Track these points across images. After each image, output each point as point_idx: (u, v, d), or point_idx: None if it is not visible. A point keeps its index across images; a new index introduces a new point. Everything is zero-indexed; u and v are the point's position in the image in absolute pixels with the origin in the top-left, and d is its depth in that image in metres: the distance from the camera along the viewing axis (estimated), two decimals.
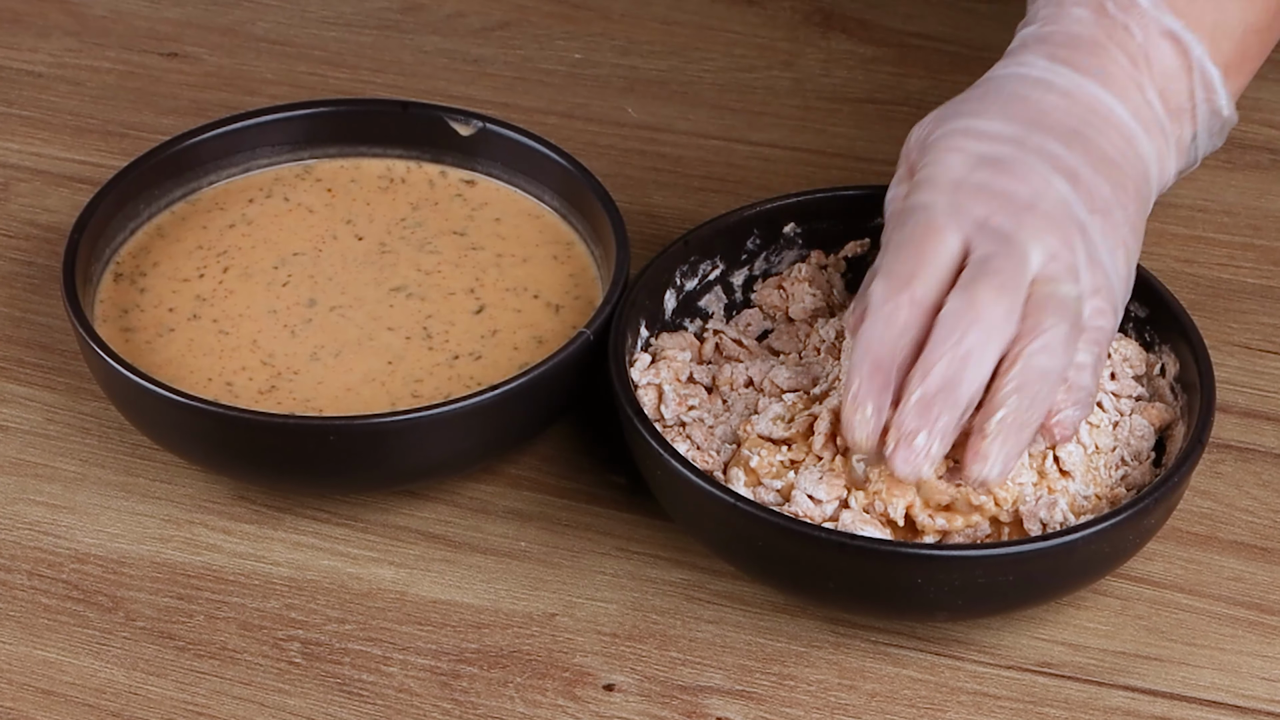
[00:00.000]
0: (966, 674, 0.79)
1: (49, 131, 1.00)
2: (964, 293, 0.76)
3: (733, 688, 0.78)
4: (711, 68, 1.04)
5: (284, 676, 0.79)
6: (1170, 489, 0.78)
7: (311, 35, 1.06)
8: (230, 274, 0.88)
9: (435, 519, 0.84)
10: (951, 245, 0.77)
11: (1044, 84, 0.81)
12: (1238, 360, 0.90)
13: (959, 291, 0.76)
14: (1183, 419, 0.82)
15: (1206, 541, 0.83)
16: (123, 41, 1.05)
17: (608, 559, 0.82)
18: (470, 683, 0.78)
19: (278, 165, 0.92)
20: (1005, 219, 0.77)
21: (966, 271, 0.77)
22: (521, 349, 0.85)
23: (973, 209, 0.78)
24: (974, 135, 0.80)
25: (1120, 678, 0.79)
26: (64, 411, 0.88)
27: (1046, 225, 0.78)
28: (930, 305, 0.76)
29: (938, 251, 0.77)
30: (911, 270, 0.76)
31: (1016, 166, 0.79)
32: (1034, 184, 0.78)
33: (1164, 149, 0.82)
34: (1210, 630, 0.80)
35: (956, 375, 0.75)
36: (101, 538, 0.83)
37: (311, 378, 0.84)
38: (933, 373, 0.75)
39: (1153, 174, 0.82)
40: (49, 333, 0.91)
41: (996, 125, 0.80)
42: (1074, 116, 0.80)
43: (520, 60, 1.04)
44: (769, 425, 0.81)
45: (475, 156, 0.92)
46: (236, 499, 0.84)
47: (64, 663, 0.79)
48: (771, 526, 0.76)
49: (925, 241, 0.77)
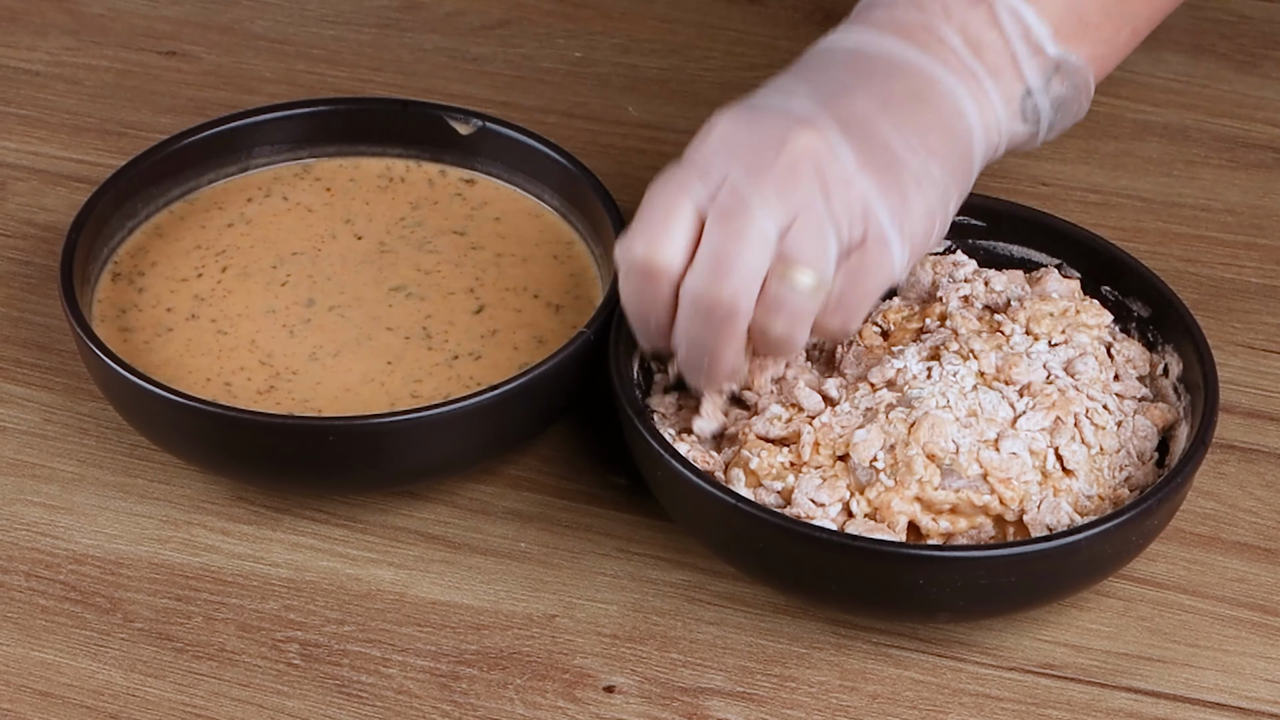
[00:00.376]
0: (968, 675, 0.79)
1: (46, 130, 1.00)
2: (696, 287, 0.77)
3: (734, 689, 0.78)
4: (712, 66, 1.04)
5: (283, 678, 0.79)
6: (1173, 490, 0.78)
7: (310, 34, 1.06)
8: (229, 274, 0.88)
9: (435, 520, 0.84)
10: (686, 218, 0.77)
11: (831, 49, 0.81)
12: (1241, 360, 0.90)
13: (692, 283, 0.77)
14: (1186, 419, 0.82)
15: (1210, 542, 0.83)
16: (121, 40, 1.05)
17: (608, 560, 0.82)
18: (470, 684, 0.78)
19: (276, 164, 0.92)
20: (744, 182, 0.77)
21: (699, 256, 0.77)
22: (521, 349, 0.85)
23: (711, 175, 0.77)
24: (736, 104, 0.79)
25: (1123, 679, 0.79)
26: (62, 412, 0.88)
27: (789, 182, 0.77)
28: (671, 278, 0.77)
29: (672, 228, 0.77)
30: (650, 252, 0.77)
31: (770, 118, 0.78)
32: (783, 133, 0.77)
33: (979, 93, 0.80)
34: (1213, 632, 0.80)
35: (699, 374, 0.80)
36: (99, 538, 0.83)
37: (310, 378, 0.84)
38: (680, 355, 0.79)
39: (969, 112, 0.80)
40: (46, 333, 0.90)
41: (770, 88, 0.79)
42: (859, 66, 0.79)
43: (520, 59, 1.04)
44: (766, 425, 0.81)
45: (475, 155, 0.92)
46: (235, 500, 0.84)
47: (62, 664, 0.79)
48: (773, 527, 0.76)
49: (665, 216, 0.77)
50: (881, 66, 0.80)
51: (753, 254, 0.76)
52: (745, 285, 0.77)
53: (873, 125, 0.78)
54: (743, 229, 0.76)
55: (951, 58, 0.80)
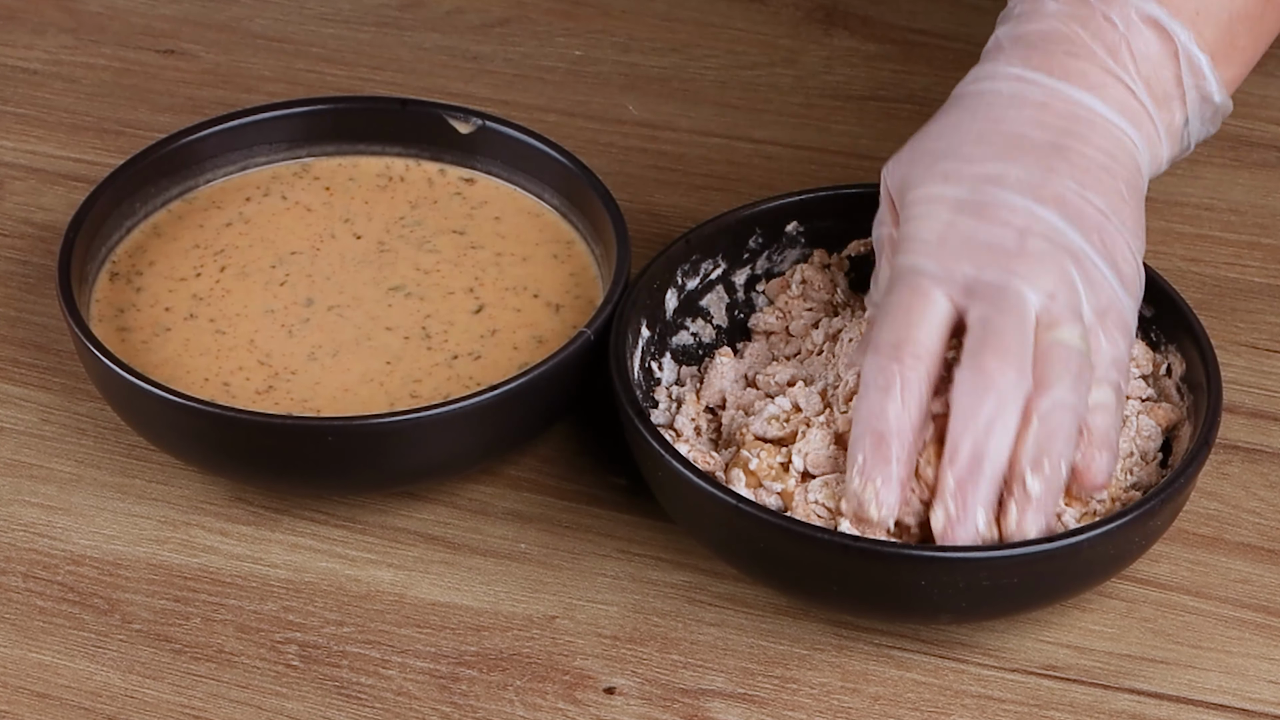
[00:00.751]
0: (971, 677, 0.79)
1: (44, 129, 1.00)
2: (972, 363, 0.77)
3: (735, 691, 0.78)
4: (713, 65, 1.04)
5: (281, 679, 0.79)
6: (1176, 490, 0.77)
7: (309, 32, 1.06)
8: (227, 273, 0.88)
9: (434, 520, 0.84)
10: (940, 309, 0.78)
11: (1018, 99, 0.81)
12: (1245, 360, 0.90)
13: (967, 361, 0.77)
14: (1189, 419, 0.82)
15: (1213, 543, 0.83)
16: (119, 38, 1.05)
17: (608, 561, 0.82)
18: (470, 686, 0.78)
19: (275, 163, 0.92)
20: (995, 272, 0.78)
21: (969, 339, 0.77)
22: (521, 349, 0.85)
23: (959, 267, 0.78)
24: (951, 179, 0.79)
25: (1126, 681, 0.79)
26: (59, 412, 0.88)
27: (1039, 266, 0.78)
28: (924, 373, 0.77)
29: (926, 316, 0.77)
30: (900, 338, 0.77)
31: (998, 209, 0.78)
32: (1019, 223, 0.78)
33: (1154, 137, 0.82)
34: (1217, 633, 0.80)
35: (982, 449, 0.76)
36: (97, 539, 0.83)
37: (309, 378, 0.84)
38: (959, 454, 0.76)
39: (1144, 164, 0.82)
40: (44, 332, 0.90)
41: (972, 160, 0.79)
42: (1052, 129, 0.80)
43: (520, 57, 1.04)
44: (764, 426, 0.81)
45: (475, 154, 0.92)
46: (234, 500, 0.84)
47: (59, 665, 0.79)
48: (774, 528, 0.76)
49: (912, 308, 0.78)
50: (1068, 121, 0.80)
51: (1022, 321, 0.76)
52: (1020, 349, 0.76)
53: (1082, 208, 0.79)
54: (1008, 305, 0.77)
55: (1131, 103, 0.81)
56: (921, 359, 0.77)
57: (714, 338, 0.87)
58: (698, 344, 0.87)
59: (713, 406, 0.84)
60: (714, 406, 0.84)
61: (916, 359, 0.77)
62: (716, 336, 0.87)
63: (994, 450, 0.76)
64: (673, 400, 0.85)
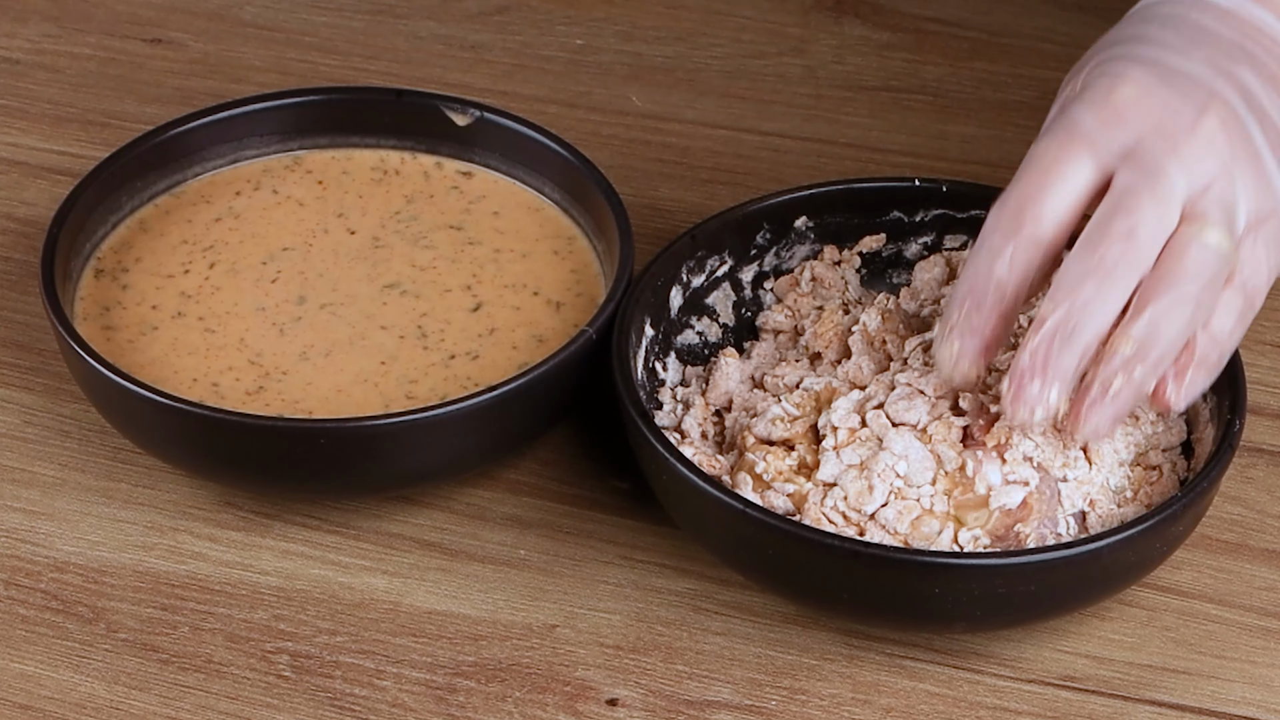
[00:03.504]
0: (986, 688, 0.79)
1: (27, 121, 1.00)
2: (1092, 235, 0.74)
3: (741, 702, 0.78)
4: (719, 54, 1.04)
5: (272, 690, 0.78)
6: (1199, 495, 0.77)
7: (301, 20, 1.06)
8: (216, 270, 0.88)
9: (430, 526, 0.84)
10: (1082, 175, 0.75)
11: (1200, 4, 0.79)
12: (1270, 360, 0.90)
13: (1088, 233, 0.74)
14: (1212, 422, 0.81)
15: (1237, 550, 0.83)
16: (104, 27, 1.05)
17: (611, 568, 0.82)
18: (467, 697, 0.78)
19: (266, 156, 0.92)
20: (1157, 141, 0.75)
21: (1101, 206, 0.74)
22: (521, 348, 0.85)
23: (1119, 131, 0.75)
24: (1135, 60, 0.77)
25: (1146, 692, 0.78)
26: (42, 413, 0.87)
27: (1206, 150, 0.75)
28: (1046, 239, 0.75)
29: (1063, 180, 0.75)
30: (1027, 199, 0.75)
31: (1182, 81, 0.76)
32: (1199, 99, 0.76)
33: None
34: (1240, 642, 0.80)
35: (1073, 323, 0.73)
36: (82, 545, 0.83)
37: (301, 378, 0.83)
38: (1047, 323, 0.73)
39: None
40: (27, 331, 0.90)
41: (1159, 43, 0.77)
42: (1238, 32, 0.78)
43: (519, 46, 1.04)
44: (767, 427, 0.80)
45: (472, 147, 0.91)
46: (223, 505, 0.84)
47: (43, 676, 0.79)
48: (782, 534, 0.76)
49: (1052, 169, 0.75)
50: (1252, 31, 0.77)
51: (1164, 206, 0.74)
52: (1150, 233, 0.74)
53: (1263, 105, 0.76)
54: (1155, 184, 0.74)
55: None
56: (1042, 225, 0.75)
57: (720, 337, 0.87)
58: (703, 343, 0.87)
59: (719, 408, 0.84)
60: (720, 408, 0.84)
61: (1036, 224, 0.74)
62: (723, 335, 0.87)
63: (1086, 328, 0.73)
64: (678, 402, 0.85)
